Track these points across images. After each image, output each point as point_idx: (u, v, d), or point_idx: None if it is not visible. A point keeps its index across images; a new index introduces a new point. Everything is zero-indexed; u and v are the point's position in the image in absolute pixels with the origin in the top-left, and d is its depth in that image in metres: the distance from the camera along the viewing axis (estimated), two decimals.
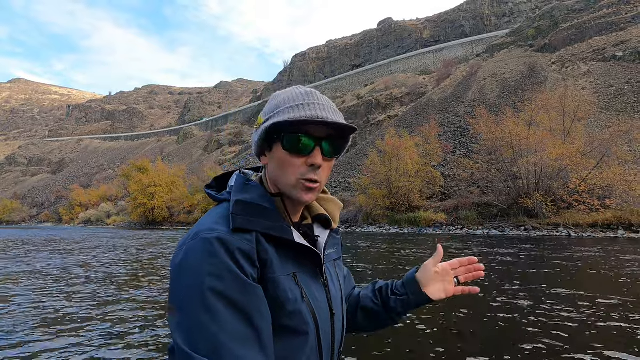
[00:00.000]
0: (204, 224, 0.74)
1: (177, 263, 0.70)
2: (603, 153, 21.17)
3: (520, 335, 4.39)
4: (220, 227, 0.71)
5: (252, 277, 0.70)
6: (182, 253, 0.70)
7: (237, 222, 0.72)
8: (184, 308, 0.66)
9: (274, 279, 0.73)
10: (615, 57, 37.20)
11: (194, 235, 0.71)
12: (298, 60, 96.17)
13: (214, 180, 0.91)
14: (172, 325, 0.68)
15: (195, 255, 0.68)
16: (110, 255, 13.74)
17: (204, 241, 0.69)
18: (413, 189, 27.36)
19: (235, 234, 0.71)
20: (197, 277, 0.66)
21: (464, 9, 72.31)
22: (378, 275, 8.53)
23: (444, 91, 46.30)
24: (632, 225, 18.24)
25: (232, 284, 0.67)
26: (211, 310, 0.65)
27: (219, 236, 0.69)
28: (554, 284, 7.27)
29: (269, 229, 0.75)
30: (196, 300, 0.65)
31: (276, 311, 0.72)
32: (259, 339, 0.67)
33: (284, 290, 0.73)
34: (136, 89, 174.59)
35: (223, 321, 0.65)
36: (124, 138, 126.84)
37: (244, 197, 0.78)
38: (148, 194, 49.55)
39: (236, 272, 0.68)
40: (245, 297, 0.67)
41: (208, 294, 0.65)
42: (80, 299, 6.54)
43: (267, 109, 0.82)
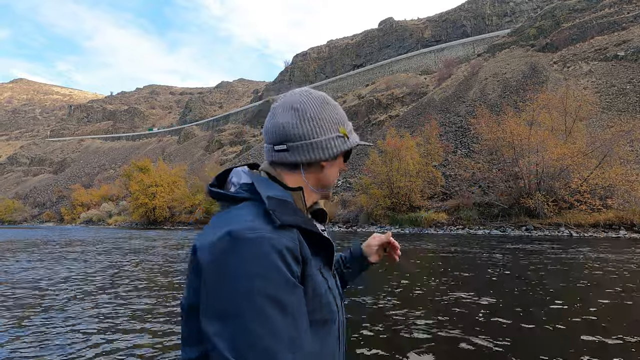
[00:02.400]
0: (235, 222, 0.70)
1: (215, 266, 0.66)
2: (605, 153, 21.10)
3: (519, 334, 4.37)
4: (261, 225, 0.69)
5: (297, 275, 0.69)
6: (219, 255, 0.67)
7: (282, 218, 0.71)
8: (231, 314, 0.63)
9: (311, 274, 0.74)
10: (617, 56, 37.08)
11: (226, 235, 0.68)
12: (299, 60, 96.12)
13: (216, 179, 0.89)
14: (213, 332, 0.63)
15: (241, 258, 0.65)
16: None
17: (248, 241, 0.66)
18: (414, 189, 27.32)
19: (279, 232, 0.69)
20: (245, 280, 0.63)
21: (465, 9, 72.17)
22: (378, 274, 8.52)
23: (445, 91, 46.23)
24: (634, 225, 18.18)
25: (282, 287, 0.65)
26: (263, 316, 0.62)
27: (265, 235, 0.67)
28: (554, 283, 7.25)
29: (305, 223, 0.75)
30: (246, 305, 0.62)
31: (313, 305, 0.72)
32: (305, 345, 0.66)
33: (319, 283, 0.75)
34: (137, 89, 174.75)
35: (275, 328, 0.62)
36: (125, 138, 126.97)
37: (274, 193, 0.77)
38: (149, 193, 49.58)
39: (286, 274, 0.66)
40: (294, 300, 0.66)
41: (259, 298, 0.63)
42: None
43: (341, 119, 0.90)
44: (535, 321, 4.86)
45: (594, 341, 4.13)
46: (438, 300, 6.15)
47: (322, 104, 0.87)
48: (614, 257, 10.67)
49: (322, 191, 0.90)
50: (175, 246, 17.49)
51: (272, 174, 0.85)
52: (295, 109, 0.84)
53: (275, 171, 0.86)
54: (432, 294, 6.66)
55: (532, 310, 5.39)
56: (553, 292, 6.52)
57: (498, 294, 6.46)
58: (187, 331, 0.73)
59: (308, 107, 0.85)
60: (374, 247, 1.22)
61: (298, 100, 0.85)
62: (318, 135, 0.84)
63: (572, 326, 4.68)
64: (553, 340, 4.16)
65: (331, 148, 0.86)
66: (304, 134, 0.83)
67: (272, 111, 0.88)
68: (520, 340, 4.20)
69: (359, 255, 1.22)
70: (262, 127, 28.38)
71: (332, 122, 0.87)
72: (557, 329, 4.55)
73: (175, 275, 9.06)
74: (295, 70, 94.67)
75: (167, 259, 12.53)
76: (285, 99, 0.87)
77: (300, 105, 0.85)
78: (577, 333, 4.43)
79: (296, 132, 0.83)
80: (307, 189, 0.87)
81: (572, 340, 4.20)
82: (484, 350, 3.92)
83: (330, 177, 0.90)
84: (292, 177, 0.86)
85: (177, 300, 6.42)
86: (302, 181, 0.86)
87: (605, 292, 6.49)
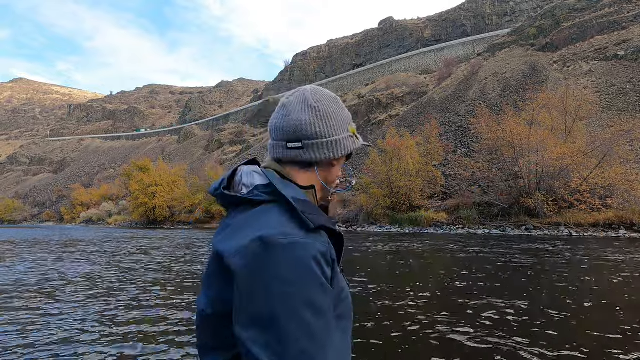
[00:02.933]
0: (265, 227, 0.69)
1: (250, 270, 0.66)
2: (605, 152, 21.10)
3: (518, 335, 4.37)
4: (291, 229, 0.68)
5: (329, 278, 0.69)
6: (252, 260, 0.66)
7: (314, 222, 0.70)
8: (268, 319, 0.62)
9: (337, 273, 0.74)
10: (617, 56, 37.07)
11: (258, 240, 0.66)
12: (299, 59, 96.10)
13: (226, 180, 0.85)
14: (248, 338, 0.63)
15: (276, 263, 0.64)
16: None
17: (282, 247, 0.65)
18: (414, 189, 27.32)
19: (311, 236, 0.69)
20: (281, 286, 0.63)
21: (465, 8, 72.14)
22: (379, 274, 8.52)
23: (445, 90, 46.22)
24: (633, 225, 18.19)
25: (318, 292, 0.65)
26: (299, 321, 0.62)
27: (299, 241, 0.67)
28: (553, 283, 7.25)
29: (329, 223, 0.74)
30: (283, 311, 0.62)
31: (338, 302, 0.73)
32: (337, 346, 0.67)
33: (341, 280, 0.76)
34: (137, 89, 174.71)
35: (313, 332, 0.62)
36: (125, 137, 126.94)
37: (296, 193, 0.77)
38: (149, 193, 49.59)
39: (320, 279, 0.66)
40: (329, 305, 0.67)
41: (295, 303, 0.62)
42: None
43: (349, 119, 0.92)
44: (535, 321, 4.86)
45: (593, 341, 4.14)
46: (438, 299, 6.15)
47: (335, 103, 0.88)
48: (613, 256, 10.67)
49: (330, 189, 0.91)
50: (181, 246, 17.49)
51: (283, 173, 0.84)
52: (312, 107, 0.84)
53: (284, 169, 0.85)
54: (432, 292, 6.66)
55: (532, 310, 5.39)
56: (553, 292, 6.53)
57: (497, 293, 6.46)
58: (213, 338, 0.72)
59: (324, 106, 0.85)
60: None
61: (314, 99, 0.85)
62: (333, 135, 0.85)
63: (571, 325, 4.69)
64: (551, 340, 4.17)
65: (344, 147, 0.88)
66: (321, 132, 0.84)
67: (285, 108, 0.86)
68: (520, 341, 4.20)
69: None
70: (262, 126, 28.07)
71: (344, 122, 0.89)
72: (555, 328, 4.55)
73: (185, 277, 9.06)
74: (295, 69, 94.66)
75: (174, 258, 12.53)
76: (299, 96, 0.86)
77: (317, 103, 0.85)
78: (576, 332, 4.43)
79: (313, 130, 0.83)
80: (319, 187, 0.88)
81: (571, 339, 4.20)
82: (485, 350, 3.93)
83: (335, 175, 0.92)
84: (303, 175, 0.85)
85: (184, 302, 6.42)
86: (315, 179, 0.87)
87: (605, 291, 6.49)
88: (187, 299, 6.42)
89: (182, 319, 5.22)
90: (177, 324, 5.02)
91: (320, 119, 0.84)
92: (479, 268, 9.26)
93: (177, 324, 5.05)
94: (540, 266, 9.29)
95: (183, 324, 5.00)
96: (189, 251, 14.91)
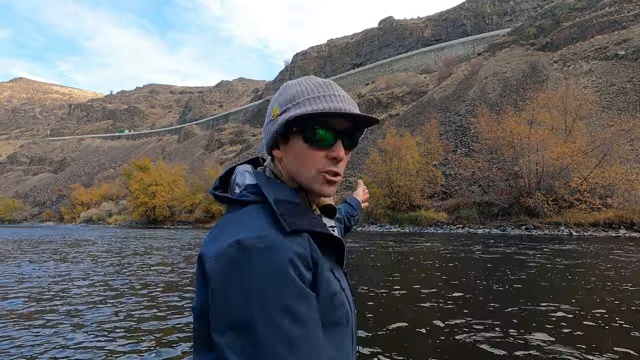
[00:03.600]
0: (244, 229, 0.67)
1: (223, 277, 0.64)
2: (605, 152, 21.10)
3: (516, 334, 4.37)
4: (269, 232, 0.66)
5: (309, 281, 0.67)
6: (227, 265, 0.64)
7: (291, 224, 0.68)
8: (243, 325, 0.60)
9: (323, 276, 0.71)
10: (617, 55, 37.06)
11: (235, 244, 0.64)
12: (299, 59, 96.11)
13: (219, 181, 0.84)
14: (225, 343, 0.61)
15: (251, 268, 0.63)
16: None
17: (258, 251, 0.63)
18: (414, 188, 27.33)
19: (288, 238, 0.66)
20: (256, 291, 0.61)
21: (465, 8, 72.11)
22: (379, 273, 8.52)
23: (445, 90, 46.21)
24: (633, 225, 18.20)
25: (295, 297, 0.63)
26: (275, 327, 0.60)
27: (275, 244, 0.64)
28: (553, 282, 7.25)
29: (315, 226, 0.72)
30: (258, 317, 0.60)
31: (326, 307, 0.70)
32: (321, 355, 0.64)
33: (331, 285, 0.72)
34: (137, 88, 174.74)
35: (289, 339, 0.60)
36: (125, 137, 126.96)
37: (283, 195, 0.74)
38: (149, 193, 49.61)
39: (297, 283, 0.64)
40: (308, 309, 0.64)
41: (271, 309, 0.61)
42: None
43: (282, 99, 0.79)
44: (536, 320, 4.86)
45: (592, 340, 4.14)
46: (437, 298, 6.15)
47: (278, 92, 0.82)
48: (613, 256, 10.68)
49: (312, 187, 0.79)
50: (186, 246, 17.49)
51: (276, 172, 0.82)
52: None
53: (276, 167, 0.83)
54: (432, 291, 6.66)
55: (532, 309, 5.39)
56: (552, 292, 6.53)
57: (496, 293, 6.46)
58: (201, 336, 0.71)
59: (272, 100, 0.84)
60: (360, 194, 1.56)
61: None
62: (271, 126, 0.80)
63: (568, 324, 4.68)
64: (551, 339, 4.17)
65: (265, 135, 0.82)
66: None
67: None
68: (516, 338, 4.20)
69: (358, 203, 1.56)
70: (262, 126, 28.34)
71: (272, 107, 0.81)
72: (555, 327, 4.55)
73: (188, 277, 9.06)
74: (295, 69, 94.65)
75: (180, 258, 12.53)
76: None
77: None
78: (573, 331, 4.43)
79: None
80: (283, 178, 0.82)
81: (569, 338, 4.20)
82: (481, 347, 3.93)
83: (291, 167, 0.79)
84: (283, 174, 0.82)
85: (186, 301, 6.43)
86: (282, 175, 0.82)
87: (604, 290, 6.49)
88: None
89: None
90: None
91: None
92: (478, 267, 9.26)
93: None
94: (539, 265, 9.29)
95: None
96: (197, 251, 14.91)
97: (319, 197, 0.83)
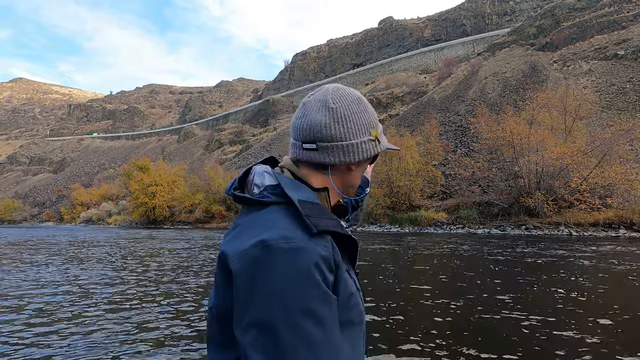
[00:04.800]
0: (268, 229, 0.68)
1: (249, 275, 0.65)
2: (604, 152, 21.11)
3: (514, 333, 4.38)
4: (295, 233, 0.67)
5: (331, 284, 0.68)
6: (251, 264, 0.65)
7: (317, 225, 0.69)
8: (266, 326, 0.62)
9: (343, 277, 0.72)
10: (617, 55, 37.08)
11: (259, 243, 0.66)
12: (299, 59, 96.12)
13: (238, 182, 0.84)
14: (247, 342, 0.63)
15: (276, 269, 0.63)
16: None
17: (283, 252, 0.64)
18: (414, 188, 27.34)
19: (314, 240, 0.67)
20: (279, 292, 0.62)
21: (465, 8, 72.14)
22: (380, 272, 8.52)
23: (445, 90, 46.22)
24: (633, 224, 18.21)
25: (318, 299, 0.64)
26: (297, 328, 0.61)
27: (300, 245, 0.65)
28: (553, 281, 7.26)
29: (337, 227, 0.72)
30: (281, 318, 0.61)
31: (344, 307, 0.71)
32: (338, 355, 0.65)
33: (349, 285, 0.73)
34: (137, 88, 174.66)
35: (311, 341, 0.61)
36: (125, 137, 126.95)
37: (305, 196, 0.75)
38: (149, 193, 49.57)
39: (321, 286, 0.65)
40: (330, 312, 0.65)
41: (294, 310, 0.62)
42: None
43: (373, 122, 0.85)
44: (530, 319, 4.87)
45: (591, 340, 4.14)
46: (438, 298, 6.15)
47: (357, 105, 0.83)
48: (612, 255, 10.68)
49: (346, 193, 0.88)
50: (197, 246, 17.49)
51: (297, 174, 0.83)
52: (329, 108, 0.80)
53: (299, 170, 0.83)
54: (431, 291, 6.66)
55: (529, 308, 5.40)
56: (551, 291, 6.53)
57: (496, 291, 6.46)
58: (221, 335, 0.73)
59: (343, 108, 0.81)
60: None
61: (333, 99, 0.81)
62: (351, 138, 0.81)
63: (567, 324, 4.69)
64: (550, 339, 4.17)
65: (362, 152, 0.83)
66: (337, 135, 0.80)
67: (304, 107, 0.84)
68: (515, 338, 4.21)
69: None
70: (262, 126, 28.17)
71: (366, 125, 0.83)
72: (554, 326, 4.56)
73: (200, 277, 9.06)
74: (295, 69, 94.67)
75: (184, 259, 12.53)
76: (319, 95, 0.83)
77: (335, 104, 0.81)
78: (572, 330, 4.44)
79: (328, 133, 0.79)
80: (332, 190, 0.85)
81: (568, 338, 4.20)
82: (478, 348, 3.93)
83: (355, 180, 0.87)
84: (318, 177, 0.83)
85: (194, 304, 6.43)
86: (328, 182, 0.84)
87: (603, 289, 6.50)
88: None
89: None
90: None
91: (337, 121, 0.80)
92: (478, 266, 9.26)
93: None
94: (539, 263, 9.30)
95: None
96: (213, 251, 14.92)
97: (341, 198, 0.90)
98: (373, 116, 0.86)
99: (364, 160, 0.84)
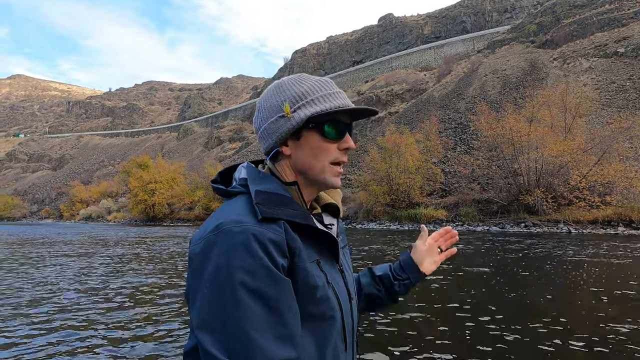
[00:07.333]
0: (225, 216, 0.71)
1: (200, 257, 0.68)
2: (604, 150, 21.12)
3: (513, 332, 4.39)
4: (246, 218, 0.70)
5: (283, 268, 0.69)
6: (205, 247, 0.68)
7: (265, 212, 0.71)
8: (212, 305, 0.64)
9: (302, 267, 0.73)
10: (617, 53, 37.04)
11: (215, 228, 0.69)
12: (298, 56, 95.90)
13: (218, 175, 0.89)
14: (196, 323, 0.66)
15: (224, 249, 0.66)
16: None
17: (232, 234, 0.67)
18: (413, 186, 27.36)
19: (264, 225, 0.69)
20: (226, 272, 0.64)
21: (465, 5, 71.95)
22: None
23: (445, 87, 46.17)
24: (632, 222, 18.23)
25: (265, 279, 0.65)
26: (243, 307, 0.63)
27: (249, 228, 0.67)
28: (552, 281, 7.27)
29: (294, 216, 0.74)
30: (227, 297, 0.63)
31: (306, 299, 0.72)
32: (291, 337, 0.66)
33: (312, 277, 0.74)
34: (136, 85, 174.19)
35: (256, 319, 0.63)
36: (124, 134, 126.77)
37: (264, 187, 0.78)
38: (148, 190, 49.56)
39: (269, 267, 0.66)
40: (278, 293, 0.66)
41: (240, 290, 0.63)
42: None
43: (289, 97, 0.80)
44: (530, 319, 4.88)
45: (591, 340, 4.15)
46: (434, 297, 6.17)
47: (273, 90, 0.84)
48: (612, 253, 10.70)
49: (325, 180, 0.82)
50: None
51: (273, 169, 0.85)
52: (256, 105, 0.87)
53: (275, 166, 0.85)
54: (427, 289, 6.68)
55: (529, 308, 5.41)
56: (551, 291, 6.55)
57: (495, 291, 6.48)
58: (190, 320, 0.74)
59: (262, 99, 0.86)
60: (422, 250, 1.09)
61: (261, 96, 0.87)
62: (263, 123, 0.83)
63: (566, 323, 4.70)
64: (550, 338, 4.18)
65: (273, 132, 0.81)
66: (256, 125, 0.86)
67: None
68: (513, 337, 4.22)
69: (410, 263, 1.08)
70: None
71: (276, 105, 0.81)
72: (554, 326, 4.57)
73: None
74: (294, 66, 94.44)
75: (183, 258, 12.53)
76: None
77: (259, 99, 0.87)
78: (571, 330, 4.45)
79: (255, 127, 0.87)
80: (300, 181, 0.83)
81: (568, 338, 4.22)
82: (478, 347, 3.94)
83: (304, 161, 0.81)
84: (286, 170, 0.84)
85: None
86: (293, 175, 0.84)
87: (603, 288, 6.51)
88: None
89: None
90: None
91: (258, 111, 0.85)
92: (476, 263, 9.28)
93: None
94: (537, 260, 9.32)
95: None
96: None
97: (319, 191, 0.87)
98: (291, 92, 0.81)
99: (279, 139, 0.81)
